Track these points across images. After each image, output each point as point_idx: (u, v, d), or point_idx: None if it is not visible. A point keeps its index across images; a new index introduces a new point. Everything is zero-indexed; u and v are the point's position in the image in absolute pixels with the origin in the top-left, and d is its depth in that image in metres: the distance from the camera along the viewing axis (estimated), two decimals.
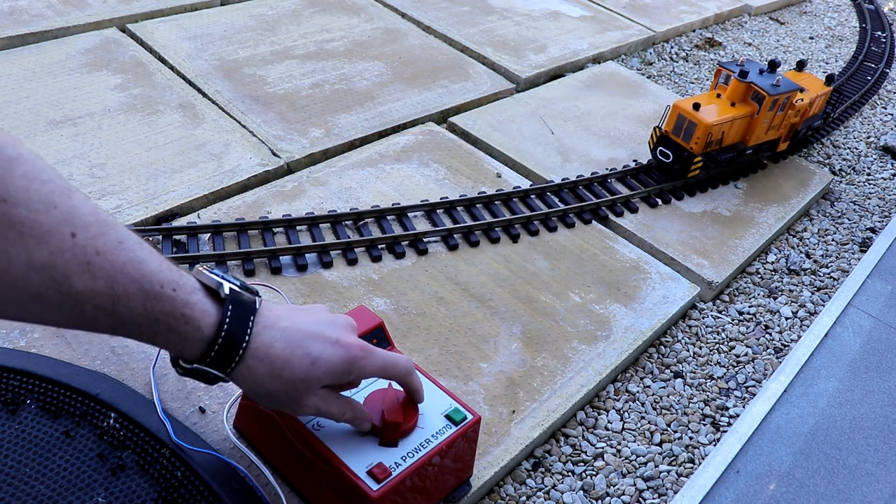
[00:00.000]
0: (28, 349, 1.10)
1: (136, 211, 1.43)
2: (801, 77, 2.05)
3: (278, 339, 0.75)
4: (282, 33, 2.20)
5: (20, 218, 0.57)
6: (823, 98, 2.05)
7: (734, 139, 1.81)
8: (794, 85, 1.81)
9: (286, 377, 0.75)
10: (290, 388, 0.76)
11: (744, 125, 1.81)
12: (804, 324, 1.55)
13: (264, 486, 0.95)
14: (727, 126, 1.75)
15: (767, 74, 1.79)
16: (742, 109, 1.77)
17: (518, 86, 2.21)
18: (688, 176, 1.77)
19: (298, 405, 0.79)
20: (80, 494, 0.88)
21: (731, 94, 1.79)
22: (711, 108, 1.75)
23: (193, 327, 0.69)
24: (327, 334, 0.79)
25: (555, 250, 1.55)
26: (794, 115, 1.89)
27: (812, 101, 1.95)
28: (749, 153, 1.87)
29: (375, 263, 1.42)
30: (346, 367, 0.80)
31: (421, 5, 2.56)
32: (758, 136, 1.83)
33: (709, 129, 1.69)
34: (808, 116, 2.00)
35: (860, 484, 1.21)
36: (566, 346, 1.32)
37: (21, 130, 1.60)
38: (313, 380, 0.77)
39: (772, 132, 1.87)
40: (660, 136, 1.79)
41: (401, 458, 0.88)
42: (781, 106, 1.81)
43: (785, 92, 1.77)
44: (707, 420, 1.30)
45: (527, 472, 1.15)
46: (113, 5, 2.15)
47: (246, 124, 1.76)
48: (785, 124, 1.89)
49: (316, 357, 0.77)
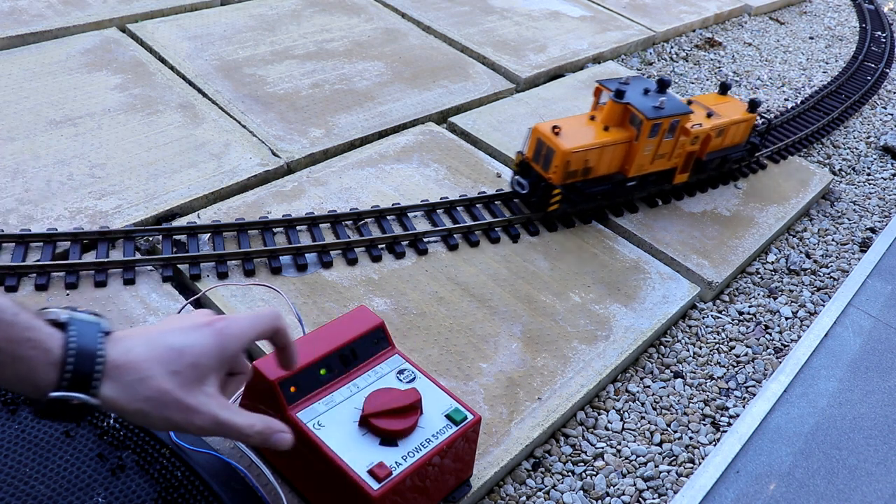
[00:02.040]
0: None
1: (136, 211, 1.43)
2: (723, 101, 1.81)
3: (136, 344, 0.69)
4: (282, 33, 2.20)
5: None
6: (745, 126, 1.79)
7: (609, 169, 1.58)
8: (682, 108, 1.57)
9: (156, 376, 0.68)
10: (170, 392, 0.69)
11: (620, 153, 1.57)
12: (804, 324, 1.55)
13: (264, 486, 0.95)
14: (595, 154, 1.52)
15: (653, 95, 1.56)
16: (617, 135, 1.54)
17: (518, 86, 2.21)
18: (548, 210, 1.56)
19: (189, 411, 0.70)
20: (80, 494, 0.88)
21: (606, 117, 1.55)
22: (576, 132, 1.51)
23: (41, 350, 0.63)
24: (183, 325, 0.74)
25: (555, 250, 1.55)
26: (691, 142, 1.65)
27: (721, 128, 1.71)
28: (632, 185, 1.63)
29: (375, 263, 1.42)
30: (218, 343, 0.73)
31: (421, 5, 2.56)
32: (640, 165, 1.59)
33: (567, 156, 1.47)
34: (721, 146, 1.75)
35: (860, 484, 1.21)
36: (566, 346, 1.32)
37: (21, 130, 1.60)
38: (188, 369, 0.70)
39: (660, 162, 1.62)
40: (520, 162, 1.57)
41: (401, 457, 0.88)
42: (669, 132, 1.56)
43: (670, 115, 1.53)
44: (707, 420, 1.30)
45: (527, 472, 1.15)
46: (113, 5, 2.15)
47: (246, 124, 1.76)
48: (679, 153, 1.65)
49: (180, 346, 0.71)
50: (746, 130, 1.81)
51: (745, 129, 1.81)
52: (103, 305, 1.22)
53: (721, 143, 1.75)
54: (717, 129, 1.70)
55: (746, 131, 1.82)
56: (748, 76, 2.66)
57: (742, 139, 1.82)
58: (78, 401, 0.65)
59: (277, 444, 0.76)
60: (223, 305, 1.26)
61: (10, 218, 1.36)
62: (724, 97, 1.83)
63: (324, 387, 0.95)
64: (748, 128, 1.81)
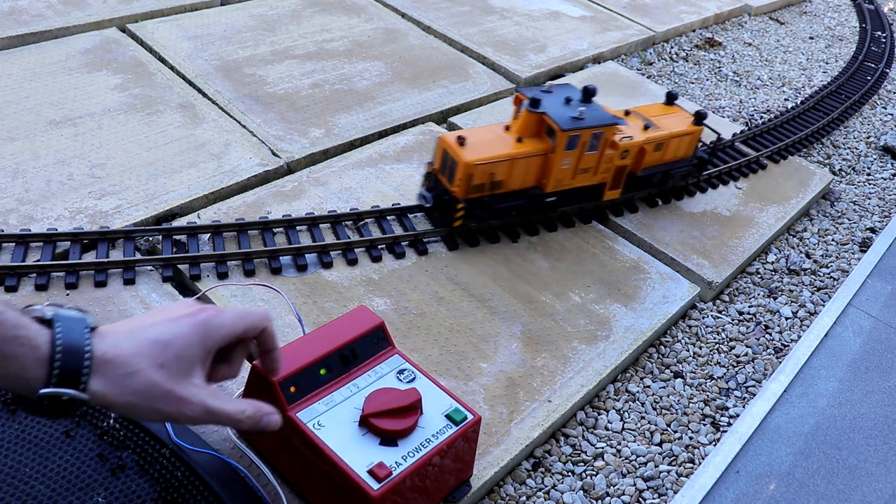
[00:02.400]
0: None
1: (136, 211, 1.43)
2: (668, 112, 1.69)
3: (122, 339, 0.70)
4: (282, 33, 2.20)
5: None
6: (690, 139, 1.66)
7: (523, 183, 1.47)
8: (606, 118, 1.46)
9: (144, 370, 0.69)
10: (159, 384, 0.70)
11: (535, 166, 1.46)
12: (804, 324, 1.55)
13: (264, 486, 0.95)
14: (503, 167, 1.41)
15: (576, 104, 1.45)
16: (531, 147, 1.43)
17: (518, 86, 2.21)
18: (453, 225, 1.46)
19: (179, 402, 0.71)
20: (80, 494, 0.88)
21: (521, 128, 1.45)
22: (484, 143, 1.41)
23: (29, 347, 0.64)
24: (167, 316, 0.74)
25: (555, 250, 1.55)
26: (620, 156, 1.54)
27: (660, 141, 1.59)
28: (552, 201, 1.52)
29: (375, 263, 1.42)
30: (201, 333, 0.74)
31: (421, 5, 2.56)
32: (559, 180, 1.48)
33: (470, 169, 1.37)
34: (662, 160, 1.64)
35: (860, 484, 1.21)
36: (566, 346, 1.32)
37: (21, 130, 1.60)
38: (174, 362, 0.71)
39: (585, 177, 1.52)
40: (428, 173, 1.49)
41: (401, 457, 0.88)
42: (591, 144, 1.46)
43: (591, 126, 1.42)
44: (707, 420, 1.30)
45: (527, 472, 1.15)
46: (113, 5, 2.15)
47: (246, 124, 1.76)
48: (607, 167, 1.54)
49: (166, 339, 0.72)
50: (692, 144, 1.68)
51: (691, 142, 1.67)
52: (103, 305, 1.22)
53: (661, 158, 1.63)
54: (653, 143, 1.59)
55: (692, 145, 1.68)
56: (748, 76, 2.66)
57: (688, 154, 1.69)
58: (68, 396, 0.65)
59: (268, 426, 0.78)
60: (223, 306, 1.26)
61: (10, 218, 1.36)
62: (671, 108, 1.72)
63: (324, 387, 0.95)
64: (693, 141, 1.68)
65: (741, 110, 2.39)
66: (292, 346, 0.97)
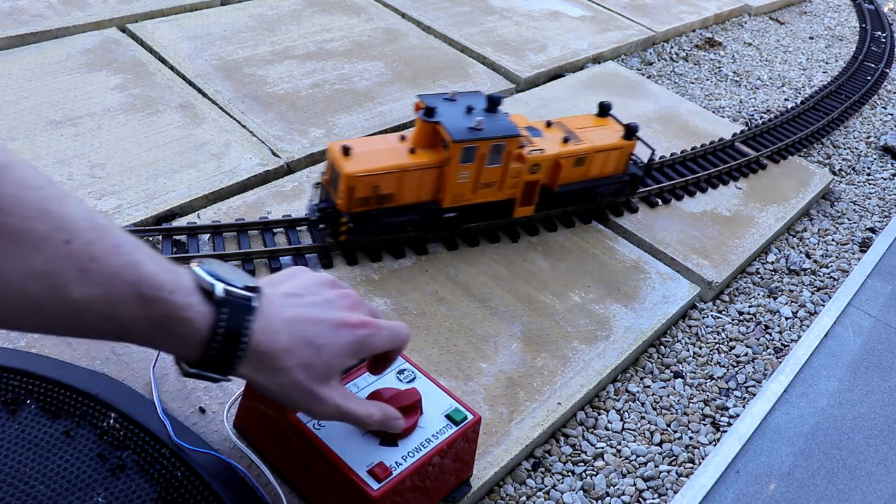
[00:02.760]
0: (28, 349, 1.10)
1: (136, 211, 1.43)
2: (599, 124, 1.58)
3: (280, 331, 0.73)
4: (282, 33, 2.20)
5: (14, 226, 0.56)
6: (620, 154, 1.55)
7: (417, 197, 1.37)
8: (508, 130, 1.34)
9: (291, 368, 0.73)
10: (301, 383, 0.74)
11: (430, 179, 1.36)
12: (804, 324, 1.55)
13: (264, 486, 0.95)
14: (391, 179, 1.32)
15: (478, 114, 1.35)
16: (424, 158, 1.34)
17: (518, 86, 2.21)
18: (339, 239, 1.38)
19: (315, 400, 0.76)
20: (80, 494, 0.88)
21: (415, 138, 1.36)
22: (371, 153, 1.33)
23: (192, 330, 0.67)
24: (330, 317, 0.78)
25: (555, 250, 1.55)
26: (530, 171, 1.43)
27: (581, 155, 1.49)
28: (452, 217, 1.42)
29: (375, 263, 1.42)
30: (355, 349, 0.79)
31: (421, 5, 2.56)
32: (458, 194, 1.39)
33: (351, 181, 1.29)
34: (585, 176, 1.53)
35: (860, 484, 1.21)
36: (566, 346, 1.32)
37: (21, 130, 1.60)
38: (321, 366, 0.75)
39: (487, 192, 1.41)
40: (319, 184, 1.43)
41: (401, 457, 0.88)
42: (492, 157, 1.36)
43: (489, 138, 1.32)
44: (707, 420, 1.30)
45: (527, 472, 1.15)
46: (113, 5, 2.15)
47: (246, 124, 1.76)
48: (514, 182, 1.43)
49: (320, 344, 0.75)
50: (622, 160, 1.57)
51: (621, 158, 1.56)
52: None
53: (584, 174, 1.53)
54: (572, 157, 1.48)
55: (622, 161, 1.57)
56: (748, 76, 2.66)
57: (617, 170, 1.58)
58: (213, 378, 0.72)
59: (392, 430, 0.87)
60: None
61: None
62: (603, 120, 1.60)
63: None
64: (623, 157, 1.57)
65: (741, 110, 2.39)
66: None
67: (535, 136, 1.48)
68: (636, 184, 1.64)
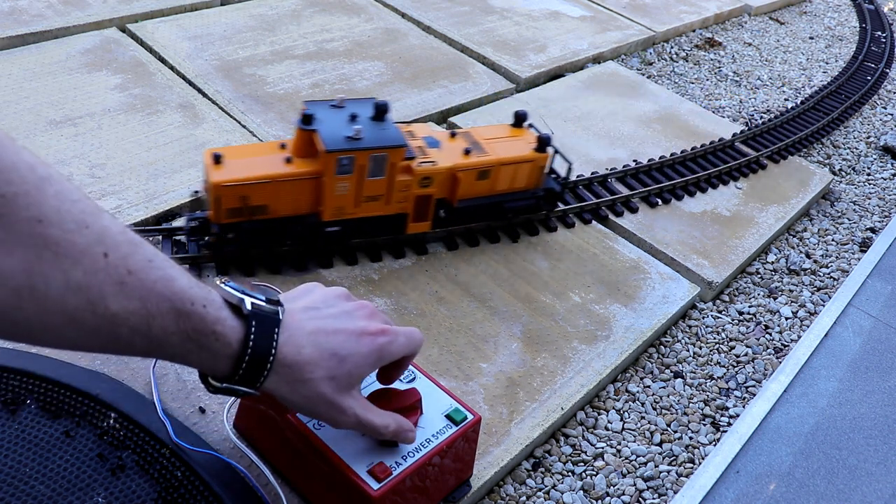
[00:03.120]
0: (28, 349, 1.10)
1: (136, 211, 1.43)
2: (514, 135, 1.49)
3: (304, 344, 0.75)
4: (282, 33, 2.20)
5: (55, 238, 0.56)
6: (532, 168, 1.45)
7: (296, 209, 1.30)
8: (391, 139, 1.26)
9: (316, 380, 0.75)
10: (325, 395, 0.76)
11: (308, 191, 1.28)
12: (804, 324, 1.56)
13: (264, 486, 0.95)
14: (263, 189, 1.24)
15: (362, 122, 1.27)
16: (301, 168, 1.26)
17: (518, 86, 2.21)
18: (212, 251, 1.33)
19: (338, 410, 0.78)
20: (80, 494, 0.88)
21: (294, 146, 1.29)
22: (244, 161, 1.26)
23: (223, 344, 0.69)
24: (350, 327, 0.80)
25: (555, 250, 1.55)
26: (421, 184, 1.34)
27: (483, 168, 1.40)
28: (335, 231, 1.34)
29: (375, 263, 1.42)
30: (376, 358, 0.81)
31: (421, 5, 2.56)
32: (339, 208, 1.31)
33: (217, 190, 1.22)
34: (491, 191, 1.44)
35: (860, 484, 1.21)
36: (566, 346, 1.32)
37: (21, 130, 1.60)
38: (344, 377, 0.78)
39: (374, 205, 1.33)
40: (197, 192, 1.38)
41: (401, 457, 0.88)
42: (374, 169, 1.28)
43: (368, 148, 1.24)
44: (707, 420, 1.30)
45: (527, 472, 1.15)
46: (113, 5, 2.15)
47: (246, 124, 1.76)
48: (404, 196, 1.34)
49: (344, 354, 0.77)
50: (535, 174, 1.46)
51: (533, 172, 1.46)
52: None
53: (490, 188, 1.44)
54: (473, 169, 1.39)
55: (535, 175, 1.46)
56: (748, 76, 2.66)
57: (530, 184, 1.48)
58: (243, 392, 0.73)
59: (404, 441, 0.88)
60: None
61: None
62: (519, 130, 1.51)
63: None
64: (536, 170, 1.46)
65: (741, 110, 2.39)
66: None
67: (431, 146, 1.39)
68: (554, 199, 1.54)
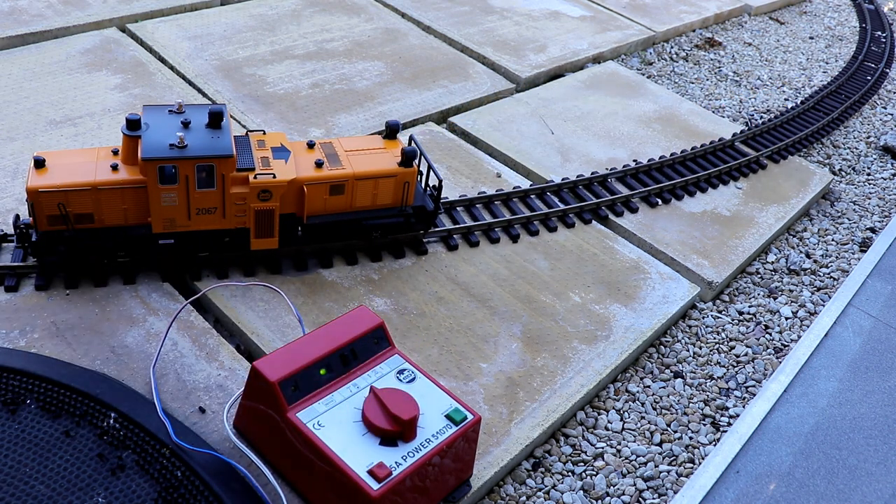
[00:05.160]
0: (28, 349, 1.10)
1: None
2: (383, 147, 1.37)
3: None
4: (282, 33, 2.20)
5: None
6: (395, 184, 1.33)
7: (124, 220, 1.21)
8: (219, 149, 1.16)
9: None
10: None
11: (135, 200, 1.20)
12: (804, 324, 1.55)
13: (264, 486, 0.95)
14: (86, 197, 1.16)
15: (195, 129, 1.19)
16: (125, 176, 1.18)
17: (518, 86, 2.21)
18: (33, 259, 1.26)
19: None
20: (80, 494, 0.88)
21: (122, 153, 1.20)
22: (68, 166, 1.18)
23: None
24: None
25: (555, 250, 1.55)
26: (259, 197, 1.23)
27: (336, 182, 1.28)
28: (169, 244, 1.24)
29: (375, 263, 1.42)
30: None
31: (421, 5, 2.56)
32: (170, 220, 1.21)
33: (34, 196, 1.14)
34: (349, 207, 1.33)
35: (860, 484, 1.21)
36: (566, 346, 1.32)
37: (21, 130, 1.60)
38: None
39: (206, 219, 1.23)
40: None
41: (401, 457, 0.88)
42: (203, 179, 1.18)
43: (192, 157, 1.14)
44: (707, 420, 1.30)
45: (527, 472, 1.15)
46: (113, 5, 2.15)
47: (246, 124, 1.76)
48: (240, 210, 1.24)
49: None
50: (400, 190, 1.34)
51: (398, 188, 1.34)
52: (103, 306, 1.22)
53: (348, 204, 1.32)
54: (324, 184, 1.27)
55: (401, 191, 1.34)
56: (748, 76, 2.66)
57: (396, 201, 1.36)
58: None
59: None
60: (223, 305, 1.26)
61: (9, 218, 1.36)
62: (391, 142, 1.39)
63: (324, 387, 0.95)
64: (401, 186, 1.34)
65: (741, 110, 2.39)
66: (292, 346, 0.97)
67: (278, 157, 1.27)
68: (427, 218, 1.40)
